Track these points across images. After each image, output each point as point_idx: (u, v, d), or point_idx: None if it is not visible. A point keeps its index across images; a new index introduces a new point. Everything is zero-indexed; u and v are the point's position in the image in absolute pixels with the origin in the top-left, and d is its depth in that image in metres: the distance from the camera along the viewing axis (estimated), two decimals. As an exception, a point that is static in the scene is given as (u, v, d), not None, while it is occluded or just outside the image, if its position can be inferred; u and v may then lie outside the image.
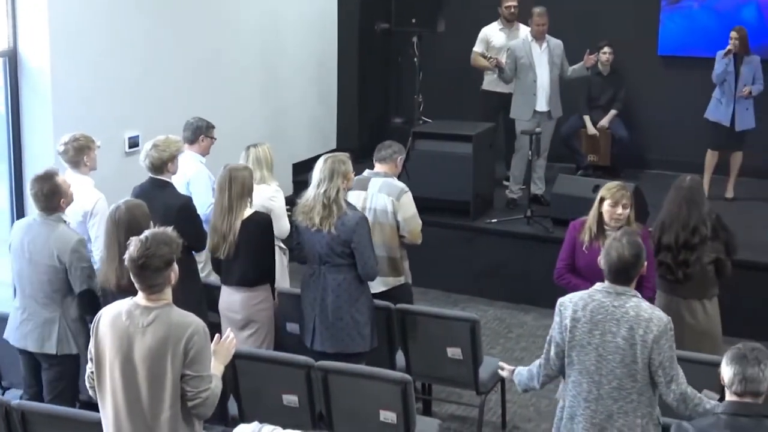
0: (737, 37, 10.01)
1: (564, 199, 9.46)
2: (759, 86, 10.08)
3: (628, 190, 6.33)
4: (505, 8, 10.79)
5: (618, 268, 4.77)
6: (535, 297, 9.29)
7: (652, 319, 4.69)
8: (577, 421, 4.88)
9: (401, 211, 6.90)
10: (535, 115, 10.02)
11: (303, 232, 6.30)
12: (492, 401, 7.18)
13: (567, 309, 4.87)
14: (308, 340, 6.38)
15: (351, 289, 6.28)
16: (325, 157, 6.36)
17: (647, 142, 11.75)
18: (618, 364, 4.73)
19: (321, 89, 11.86)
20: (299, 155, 11.09)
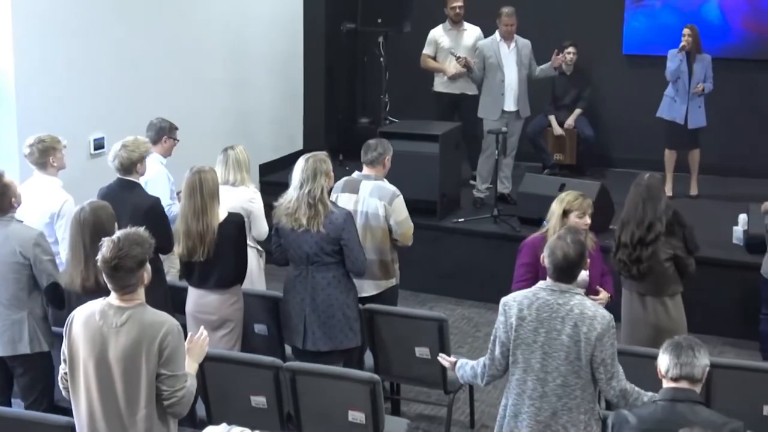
0: (690, 34, 10.05)
1: (531, 198, 9.50)
2: (710, 84, 10.13)
3: (587, 197, 6.36)
4: (451, 9, 10.81)
5: (563, 267, 4.82)
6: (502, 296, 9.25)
7: (595, 316, 4.74)
8: (522, 418, 4.92)
9: (394, 215, 6.91)
10: (503, 114, 10.05)
11: (287, 234, 6.28)
12: (460, 400, 7.20)
13: (512, 308, 4.91)
14: (299, 342, 6.37)
15: (341, 286, 6.31)
16: (305, 156, 6.35)
17: (612, 140, 11.83)
18: (563, 361, 4.78)
19: (287, 89, 11.84)
20: (266, 156, 11.07)
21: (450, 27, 10.86)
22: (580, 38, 11.28)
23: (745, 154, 11.16)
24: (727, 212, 9.18)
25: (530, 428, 4.89)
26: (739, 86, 10.87)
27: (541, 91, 11.13)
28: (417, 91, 11.45)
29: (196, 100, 9.85)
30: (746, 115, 11.10)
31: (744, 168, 11.10)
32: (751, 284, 8.23)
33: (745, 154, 11.16)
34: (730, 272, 8.38)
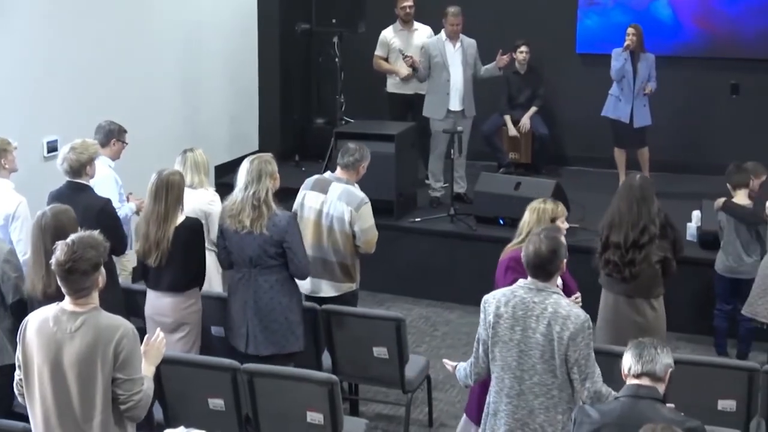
0: (634, 33, 10.12)
1: (487, 197, 9.55)
2: (654, 84, 10.22)
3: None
4: (401, 9, 10.83)
5: (535, 263, 4.82)
6: (459, 295, 9.35)
7: (569, 316, 4.74)
8: (500, 416, 4.94)
9: (359, 222, 6.88)
10: (448, 114, 10.07)
11: (231, 236, 6.26)
12: (419, 399, 7.22)
13: (490, 306, 4.92)
14: (242, 345, 6.34)
15: (284, 289, 6.28)
16: (250, 158, 6.33)
17: (567, 139, 11.90)
18: (538, 359, 4.79)
19: (242, 90, 11.80)
20: (221, 157, 11.03)
21: (401, 27, 10.88)
22: (535, 37, 11.32)
23: (698, 151, 11.27)
24: (680, 209, 9.24)
25: (508, 426, 4.91)
26: (692, 84, 10.98)
27: (496, 91, 11.18)
28: (372, 92, 11.46)
29: (149, 101, 9.78)
30: (699, 113, 11.21)
31: (697, 165, 11.19)
32: (705, 280, 8.32)
33: (698, 151, 11.27)
34: (684, 268, 8.40)
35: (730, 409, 5.78)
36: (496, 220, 9.52)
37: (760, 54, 11.09)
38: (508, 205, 9.44)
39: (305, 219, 6.88)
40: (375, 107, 11.31)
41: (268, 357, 6.23)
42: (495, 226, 9.52)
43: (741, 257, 7.80)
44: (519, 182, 9.58)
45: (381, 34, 10.90)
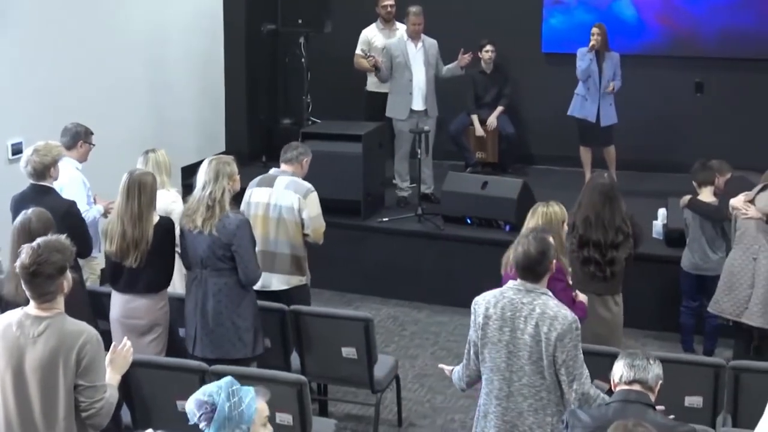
0: (599, 33, 10.18)
1: (454, 197, 9.57)
2: (618, 82, 10.28)
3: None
4: (382, 8, 10.84)
5: (524, 265, 4.81)
6: (427, 294, 9.37)
7: (557, 317, 4.74)
8: (490, 418, 4.93)
9: (307, 209, 6.92)
10: (411, 114, 10.08)
11: (186, 236, 6.24)
12: (387, 399, 7.22)
13: (480, 307, 4.91)
14: (190, 347, 6.33)
15: (232, 294, 6.22)
16: (209, 159, 6.33)
17: (533, 138, 11.94)
18: (527, 360, 4.78)
19: (208, 91, 11.75)
20: (187, 158, 10.98)
21: (382, 26, 10.88)
22: (501, 37, 11.35)
23: (663, 149, 11.33)
24: (646, 207, 9.31)
25: (497, 428, 4.90)
26: (657, 82, 11.04)
27: (463, 90, 11.20)
28: (340, 92, 11.45)
29: (115, 102, 9.72)
30: (664, 111, 11.27)
31: (662, 163, 11.27)
32: (671, 277, 8.37)
33: (663, 149, 11.33)
34: (651, 266, 8.49)
35: (697, 406, 5.82)
36: (464, 219, 9.55)
37: (723, 52, 11.17)
38: (476, 204, 9.48)
39: (253, 215, 6.88)
40: (342, 107, 11.29)
41: (214, 361, 6.16)
42: (462, 225, 9.54)
43: (707, 254, 7.85)
44: (486, 181, 9.61)
45: (362, 32, 10.89)
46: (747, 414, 5.53)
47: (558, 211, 5.85)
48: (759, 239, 6.96)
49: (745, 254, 7.04)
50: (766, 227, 6.96)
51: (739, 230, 7.12)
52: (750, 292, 7.00)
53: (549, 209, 5.82)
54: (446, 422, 7.22)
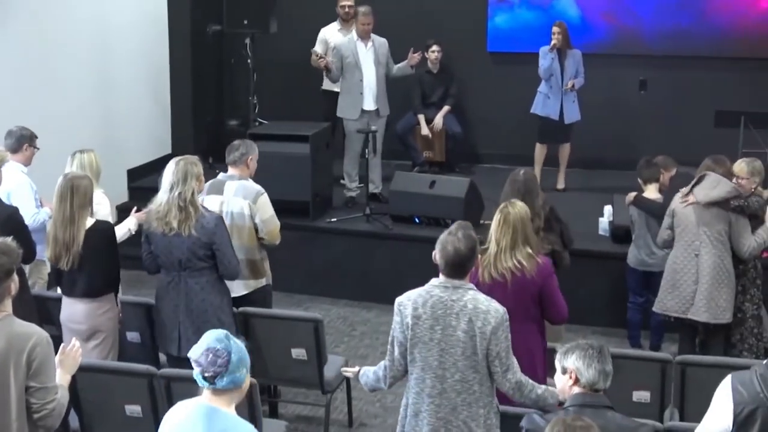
0: (559, 31, 10.29)
1: (402, 196, 9.59)
2: (581, 79, 10.40)
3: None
4: (341, 8, 10.85)
5: (455, 262, 4.82)
6: (376, 294, 9.37)
7: (489, 311, 4.76)
8: (422, 417, 4.92)
9: (259, 213, 6.88)
10: (362, 114, 10.10)
11: (158, 239, 6.17)
12: (338, 400, 7.22)
13: (407, 308, 4.90)
14: (174, 349, 6.28)
15: (215, 290, 6.23)
16: (175, 160, 6.26)
17: (480, 137, 12.01)
18: (460, 356, 4.79)
19: (153, 93, 11.68)
20: (134, 161, 10.91)
21: (340, 26, 10.87)
22: (447, 37, 11.40)
23: (607, 147, 11.45)
24: (592, 204, 9.40)
25: (431, 426, 4.89)
26: (602, 80, 11.13)
27: (410, 90, 11.23)
28: (287, 92, 11.44)
29: (59, 105, 9.62)
30: (609, 109, 11.38)
31: (607, 161, 11.39)
32: (617, 273, 8.45)
33: (607, 147, 11.45)
34: (597, 262, 8.58)
35: (644, 400, 5.88)
36: (412, 218, 9.57)
37: (666, 50, 11.31)
38: (423, 203, 9.50)
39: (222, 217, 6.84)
40: (290, 108, 11.29)
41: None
42: (410, 225, 9.57)
43: (652, 250, 7.92)
44: (433, 181, 9.63)
45: (321, 31, 10.89)
46: (693, 407, 5.60)
47: (522, 206, 5.79)
48: (699, 235, 7.01)
49: (686, 251, 7.08)
50: (707, 221, 6.99)
51: (678, 227, 7.15)
52: (694, 288, 7.05)
53: (517, 209, 5.73)
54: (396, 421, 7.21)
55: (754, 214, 7.05)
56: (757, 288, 7.20)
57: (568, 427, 3.62)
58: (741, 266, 7.09)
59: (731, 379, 3.64)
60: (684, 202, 7.10)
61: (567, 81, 10.31)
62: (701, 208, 7.01)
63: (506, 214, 5.66)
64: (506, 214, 5.66)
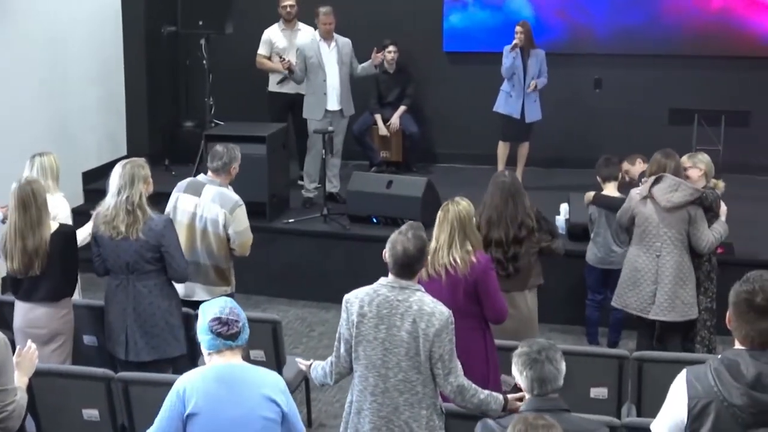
0: (522, 31, 10.34)
1: (359, 196, 9.59)
2: (544, 79, 10.46)
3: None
4: (282, 8, 10.83)
5: (403, 262, 4.83)
6: (334, 294, 9.22)
7: (434, 313, 4.77)
8: (364, 415, 4.93)
9: (234, 225, 6.83)
10: (326, 114, 10.10)
11: (106, 243, 6.15)
12: (297, 400, 7.17)
13: (353, 305, 4.91)
14: (121, 353, 6.24)
15: (163, 294, 6.22)
16: (122, 162, 6.23)
17: (437, 136, 12.04)
18: (403, 357, 4.80)
19: (108, 94, 11.59)
20: (89, 163, 10.83)
21: (284, 27, 10.85)
22: (403, 37, 11.42)
23: (564, 146, 11.52)
24: (549, 202, 9.43)
25: (372, 424, 4.90)
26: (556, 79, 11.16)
27: (366, 90, 11.24)
28: (243, 93, 11.40)
29: (12, 107, 9.52)
30: (564, 108, 11.44)
31: (563, 159, 11.46)
32: (575, 271, 8.50)
33: (564, 146, 11.52)
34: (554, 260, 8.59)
35: (602, 397, 5.92)
36: (369, 218, 9.57)
37: (620, 49, 11.39)
38: (381, 203, 9.50)
39: (179, 222, 6.79)
40: (246, 109, 11.25)
41: (150, 363, 6.15)
42: (368, 224, 9.57)
43: (611, 248, 7.97)
44: (391, 180, 9.64)
45: (264, 32, 10.87)
46: (650, 403, 5.65)
47: (466, 205, 5.83)
48: (661, 237, 7.04)
49: (648, 252, 7.10)
50: (669, 222, 7.02)
51: (639, 227, 7.17)
52: (654, 288, 7.09)
53: (459, 207, 5.79)
54: (356, 421, 7.23)
55: (709, 207, 7.12)
56: (711, 281, 7.29)
57: (530, 426, 3.63)
58: (696, 260, 7.15)
59: (686, 374, 3.67)
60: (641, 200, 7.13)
61: (529, 80, 10.36)
62: (661, 210, 7.04)
63: (446, 212, 5.72)
64: (446, 211, 5.72)
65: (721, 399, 3.53)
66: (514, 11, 11.49)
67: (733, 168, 9.50)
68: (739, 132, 9.15)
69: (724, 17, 11.16)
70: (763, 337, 3.57)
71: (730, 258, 8.31)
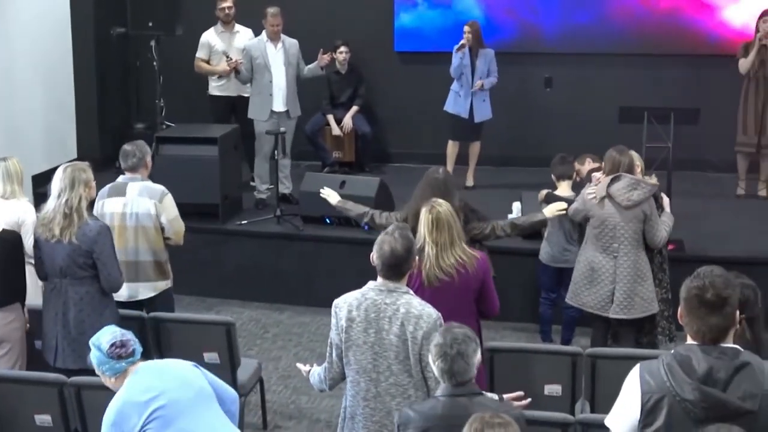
0: (470, 31, 10.38)
1: (312, 197, 9.50)
2: (493, 78, 10.51)
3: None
4: (220, 10, 10.78)
5: (391, 263, 4.79)
6: (288, 295, 9.36)
7: (422, 315, 4.75)
8: (357, 420, 4.90)
9: (165, 213, 6.85)
10: (272, 115, 10.07)
11: (42, 246, 6.11)
12: (252, 403, 7.18)
13: (342, 310, 4.87)
14: (51, 358, 6.19)
15: (94, 302, 6.13)
16: (64, 166, 6.20)
17: (389, 136, 12.05)
18: (393, 360, 4.78)
19: (57, 97, 11.48)
20: (38, 166, 10.72)
21: (222, 29, 10.81)
22: (355, 37, 11.42)
23: (515, 145, 11.58)
24: (500, 201, 9.48)
25: (366, 429, 4.87)
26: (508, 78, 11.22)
27: (318, 90, 11.23)
28: (194, 95, 11.34)
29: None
30: (515, 107, 11.50)
31: (514, 158, 11.51)
32: (528, 270, 8.54)
33: (515, 145, 11.58)
34: (507, 259, 8.62)
35: (556, 394, 5.94)
36: (323, 219, 9.56)
37: (570, 48, 11.46)
38: (334, 204, 9.48)
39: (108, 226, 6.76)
40: (197, 110, 11.19)
41: (78, 371, 6.06)
42: (321, 225, 9.55)
43: (564, 247, 8.00)
44: (344, 181, 9.63)
45: (202, 35, 10.80)
46: (604, 399, 5.68)
47: (449, 204, 5.75)
48: (618, 237, 7.06)
49: (605, 252, 7.10)
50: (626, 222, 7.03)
51: (595, 228, 7.17)
52: (612, 287, 7.10)
53: (444, 207, 5.64)
54: (311, 423, 7.22)
55: (656, 197, 7.20)
56: (664, 272, 7.34)
57: (487, 424, 3.65)
58: (648, 254, 7.20)
59: (639, 369, 3.70)
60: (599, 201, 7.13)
61: (477, 80, 10.40)
62: (621, 210, 7.07)
63: (437, 214, 5.53)
64: (437, 213, 5.54)
65: (674, 394, 3.56)
66: (463, 11, 11.51)
67: (683, 165, 9.59)
68: (688, 129, 9.22)
69: (673, 16, 11.27)
70: (714, 332, 3.60)
71: (680, 254, 8.40)
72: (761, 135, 10.19)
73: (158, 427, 4.59)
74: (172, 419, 4.62)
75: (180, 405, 4.66)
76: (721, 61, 10.77)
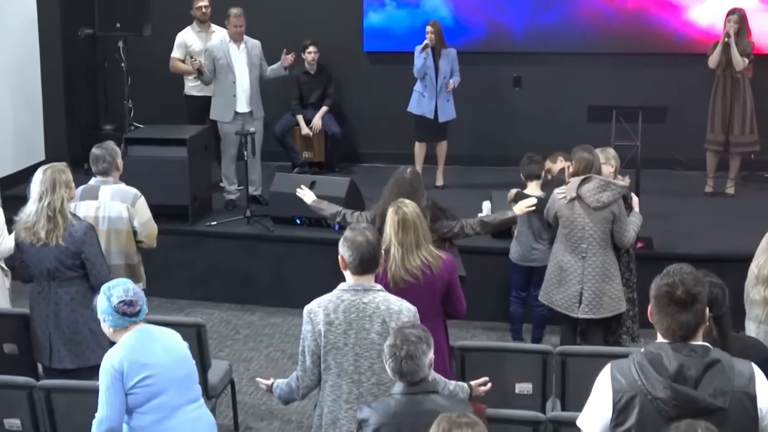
0: (432, 31, 10.40)
1: (282, 197, 9.54)
2: (457, 78, 10.54)
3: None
4: (197, 9, 10.75)
5: (369, 253, 4.78)
6: (259, 296, 9.34)
7: (402, 310, 4.77)
8: (341, 424, 4.85)
9: (138, 216, 6.82)
10: (236, 116, 10.04)
11: (27, 249, 6.07)
12: (223, 404, 7.16)
13: (318, 315, 4.82)
14: (46, 359, 6.18)
15: (85, 301, 6.11)
16: (43, 168, 6.16)
17: (359, 136, 12.06)
18: (375, 359, 4.75)
19: (24, 98, 11.41)
20: (5, 169, 10.65)
21: (198, 29, 10.77)
22: (324, 37, 11.41)
23: (485, 144, 11.62)
24: (471, 200, 9.49)
25: None
26: (477, 78, 11.26)
27: (288, 91, 11.21)
28: (163, 96, 11.30)
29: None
30: (484, 106, 11.53)
31: (484, 157, 11.54)
32: (498, 268, 8.55)
33: (485, 144, 11.62)
34: (477, 258, 8.64)
35: (527, 392, 5.97)
36: (293, 220, 9.54)
37: (538, 47, 11.51)
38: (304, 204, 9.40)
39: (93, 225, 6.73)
40: (166, 111, 11.15)
41: (74, 370, 6.07)
42: (292, 226, 9.54)
43: (532, 246, 8.01)
44: (314, 181, 9.60)
45: (178, 35, 10.76)
46: (574, 397, 5.71)
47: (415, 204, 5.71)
48: (586, 238, 7.08)
49: (574, 252, 7.12)
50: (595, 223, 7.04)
51: (564, 229, 7.19)
52: (581, 288, 7.12)
53: (411, 208, 5.58)
54: (283, 423, 7.21)
55: (625, 197, 7.23)
56: (631, 272, 7.39)
57: (454, 424, 3.66)
58: (615, 253, 7.23)
59: (610, 368, 3.71)
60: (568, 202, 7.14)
61: (441, 80, 10.42)
62: (590, 211, 7.09)
63: (403, 215, 5.48)
64: (403, 214, 5.48)
65: (645, 392, 3.57)
66: (431, 11, 11.53)
67: (651, 163, 9.63)
68: (656, 128, 9.27)
69: (640, 16, 11.35)
70: (684, 329, 3.62)
71: (649, 252, 8.45)
72: (729, 133, 10.28)
73: (145, 394, 4.82)
74: (159, 392, 4.83)
75: (170, 381, 4.85)
76: (688, 60, 10.87)
